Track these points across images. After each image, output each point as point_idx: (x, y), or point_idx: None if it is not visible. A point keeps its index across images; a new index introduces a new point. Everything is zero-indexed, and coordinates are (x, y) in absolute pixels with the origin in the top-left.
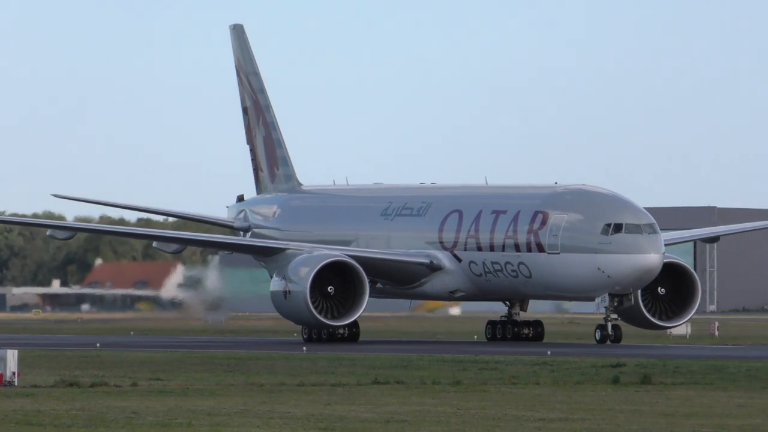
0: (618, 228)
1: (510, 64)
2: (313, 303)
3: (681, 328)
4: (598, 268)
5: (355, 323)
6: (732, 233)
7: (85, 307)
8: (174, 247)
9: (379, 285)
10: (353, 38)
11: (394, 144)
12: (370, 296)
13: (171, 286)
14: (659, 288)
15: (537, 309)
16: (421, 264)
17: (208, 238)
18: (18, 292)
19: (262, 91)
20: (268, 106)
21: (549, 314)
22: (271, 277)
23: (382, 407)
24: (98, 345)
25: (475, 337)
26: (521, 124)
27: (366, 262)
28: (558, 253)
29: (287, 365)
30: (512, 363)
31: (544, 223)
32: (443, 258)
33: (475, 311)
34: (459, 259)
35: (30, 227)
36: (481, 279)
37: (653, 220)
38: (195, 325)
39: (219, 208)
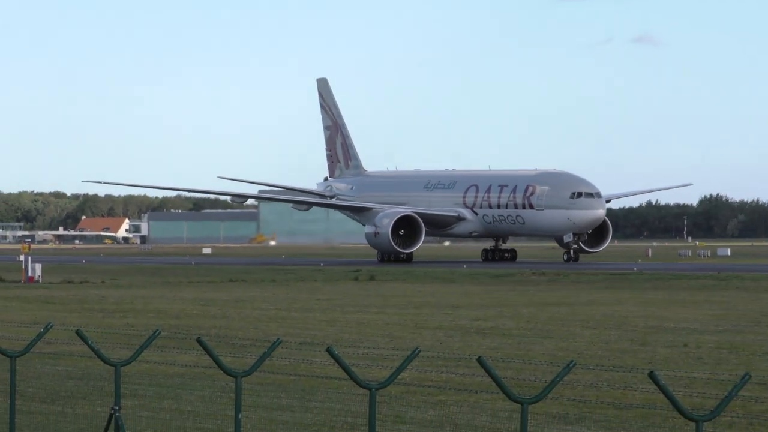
0: (580, 194)
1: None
2: (392, 239)
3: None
4: (568, 218)
5: (411, 252)
6: (619, 196)
7: (76, 241)
8: (305, 207)
9: (426, 229)
10: (399, 75)
11: (424, 144)
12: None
13: (122, 230)
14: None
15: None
16: (452, 216)
17: (328, 202)
18: (41, 234)
19: (340, 116)
20: (344, 125)
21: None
22: (364, 225)
23: (234, 293)
24: (84, 261)
25: (283, 256)
26: (508, 129)
27: (421, 216)
28: (543, 210)
29: (183, 271)
30: (302, 270)
31: (533, 192)
32: (466, 213)
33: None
34: (476, 213)
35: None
36: (490, 225)
37: (599, 190)
38: (135, 251)
39: (310, 184)
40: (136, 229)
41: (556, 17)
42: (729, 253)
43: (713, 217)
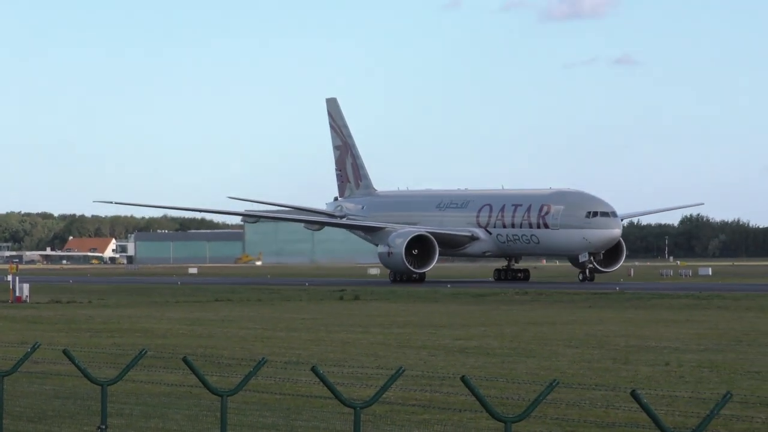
0: (595, 214)
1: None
2: (406, 259)
3: (375, 269)
4: (584, 238)
5: (424, 272)
6: (634, 215)
7: (64, 261)
8: (316, 227)
9: (438, 248)
10: (408, 94)
11: (433, 165)
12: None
13: (109, 251)
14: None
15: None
16: (465, 236)
17: (339, 222)
18: (29, 254)
19: (350, 136)
20: (354, 145)
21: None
22: (376, 245)
23: (220, 312)
24: (71, 281)
25: (268, 276)
26: (519, 153)
27: (434, 235)
28: (558, 229)
29: (169, 291)
30: (287, 289)
31: (548, 211)
32: (479, 232)
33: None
34: (489, 233)
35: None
36: (504, 245)
37: (615, 209)
38: (121, 270)
39: (318, 204)
40: (122, 249)
41: (551, 36)
42: (710, 273)
43: (694, 236)
